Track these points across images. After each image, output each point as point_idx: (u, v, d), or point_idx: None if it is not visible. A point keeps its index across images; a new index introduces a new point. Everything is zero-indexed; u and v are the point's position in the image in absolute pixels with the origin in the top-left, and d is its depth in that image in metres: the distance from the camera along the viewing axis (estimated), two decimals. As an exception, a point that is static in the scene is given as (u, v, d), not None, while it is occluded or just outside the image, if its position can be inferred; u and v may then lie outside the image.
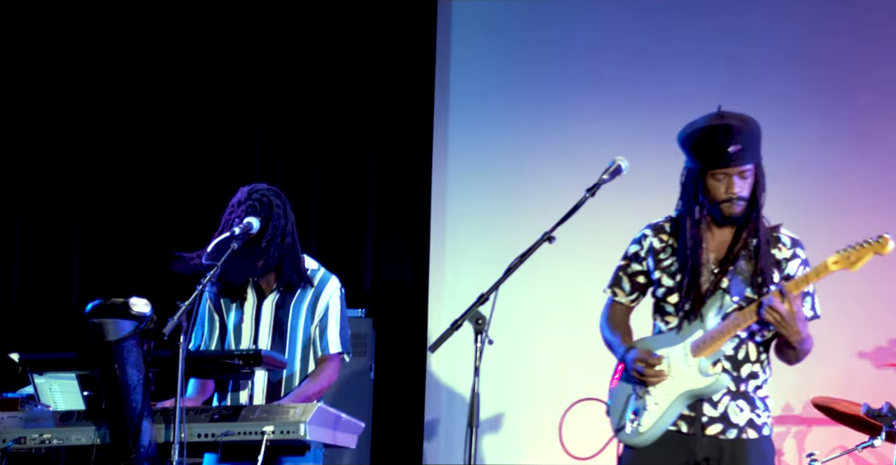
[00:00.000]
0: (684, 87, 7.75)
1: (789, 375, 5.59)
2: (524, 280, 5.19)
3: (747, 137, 4.84)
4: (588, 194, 4.86)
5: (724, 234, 4.95)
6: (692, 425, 4.92)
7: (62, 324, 7.25)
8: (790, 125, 7.57)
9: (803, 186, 7.50)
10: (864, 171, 7.58)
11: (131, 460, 4.98)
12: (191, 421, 5.04)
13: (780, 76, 7.74)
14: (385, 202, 8.14)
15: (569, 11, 8.08)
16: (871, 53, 7.65)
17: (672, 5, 7.95)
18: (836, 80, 7.69)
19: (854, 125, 7.64)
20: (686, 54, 7.87)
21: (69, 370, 5.30)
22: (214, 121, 8.01)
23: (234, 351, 5.41)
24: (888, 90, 7.64)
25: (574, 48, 8.06)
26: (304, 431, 5.04)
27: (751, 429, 4.93)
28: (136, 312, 4.97)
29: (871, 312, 7.41)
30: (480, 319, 4.61)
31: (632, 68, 7.97)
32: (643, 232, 5.09)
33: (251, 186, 5.57)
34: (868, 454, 6.99)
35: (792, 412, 7.42)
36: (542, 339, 7.48)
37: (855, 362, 7.32)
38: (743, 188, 4.86)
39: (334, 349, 5.56)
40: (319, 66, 8.10)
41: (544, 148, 7.86)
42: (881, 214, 7.35)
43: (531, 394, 7.56)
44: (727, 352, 4.91)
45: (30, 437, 5.13)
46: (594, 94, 7.95)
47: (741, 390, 4.92)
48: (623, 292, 5.13)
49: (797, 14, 7.74)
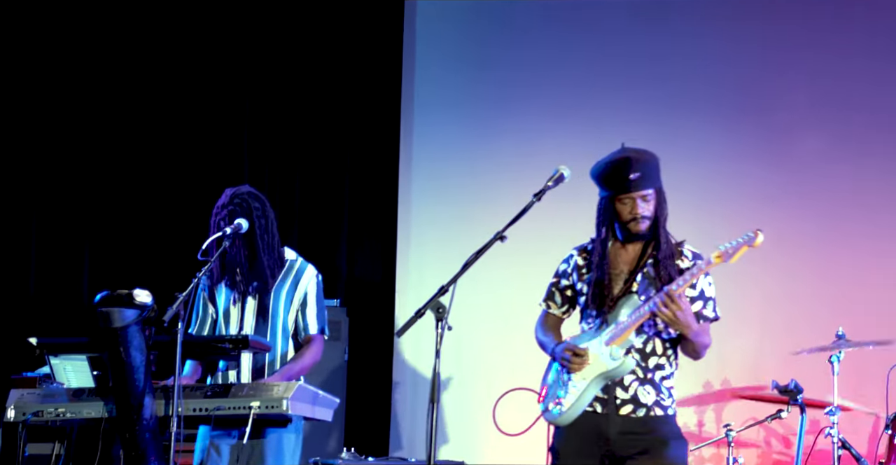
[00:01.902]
0: (628, 103, 7.75)
1: (709, 357, 5.58)
2: (478, 278, 5.19)
3: (645, 167, 4.91)
4: (535, 199, 4.85)
5: (635, 249, 5.00)
6: (606, 406, 4.94)
7: (74, 312, 7.23)
8: (707, 142, 7.61)
9: (717, 194, 7.50)
10: (773, 181, 7.58)
11: (135, 431, 4.98)
12: (187, 397, 5.04)
13: (701, 98, 7.72)
14: (358, 209, 8.11)
15: (531, 18, 8.01)
16: (780, 79, 7.64)
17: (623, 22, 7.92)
18: (746, 102, 7.69)
19: (763, 142, 7.64)
20: (625, 74, 7.83)
21: (80, 353, 5.30)
22: (210, 139, 7.95)
23: (225, 336, 5.38)
24: (795, 110, 7.62)
25: (536, 58, 7.99)
26: (286, 406, 5.04)
27: (657, 408, 4.95)
28: (139, 301, 4.98)
29: (778, 303, 7.40)
30: (441, 308, 4.61)
31: (585, 79, 7.92)
32: (570, 253, 5.16)
33: (234, 189, 5.55)
34: (776, 424, 7.00)
35: (712, 389, 7.42)
36: (488, 331, 7.41)
37: (765, 346, 7.32)
38: (645, 209, 4.93)
39: (314, 329, 5.53)
40: (300, 92, 8.04)
41: (498, 159, 7.81)
42: (786, 219, 7.37)
43: (474, 378, 7.51)
44: (637, 345, 4.94)
45: (46, 411, 5.14)
46: (548, 103, 7.89)
47: (648, 377, 4.95)
48: (556, 304, 5.17)
49: (718, 49, 7.71)
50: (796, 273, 7.36)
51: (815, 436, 6.56)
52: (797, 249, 7.27)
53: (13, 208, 7.73)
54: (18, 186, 7.73)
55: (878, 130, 7.51)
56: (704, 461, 7.37)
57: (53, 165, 7.80)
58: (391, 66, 8.04)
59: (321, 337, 5.57)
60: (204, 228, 5.62)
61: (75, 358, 5.34)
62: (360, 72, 8.10)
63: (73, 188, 7.80)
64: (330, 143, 8.06)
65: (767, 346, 7.28)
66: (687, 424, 7.30)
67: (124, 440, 5.04)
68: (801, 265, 7.37)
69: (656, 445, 4.90)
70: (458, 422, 7.44)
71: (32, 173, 7.77)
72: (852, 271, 7.42)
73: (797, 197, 7.53)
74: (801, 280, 7.40)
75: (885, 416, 6.35)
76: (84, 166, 7.82)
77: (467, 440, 7.31)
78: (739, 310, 6.86)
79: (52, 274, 7.69)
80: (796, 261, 7.27)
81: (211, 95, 7.97)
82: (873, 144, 7.50)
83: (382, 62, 8.08)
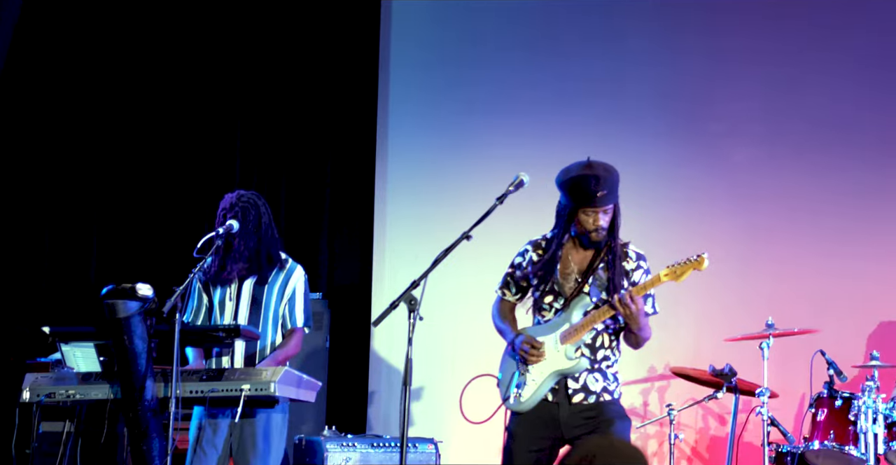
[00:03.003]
0: (584, 110, 7.75)
1: (653, 344, 5.60)
2: (447, 273, 5.16)
3: (610, 184, 4.92)
4: (497, 202, 4.89)
5: (587, 251, 5.03)
6: (558, 395, 4.98)
7: (83, 304, 7.18)
8: (652, 149, 7.60)
9: (665, 198, 7.51)
10: (709, 185, 7.61)
11: (137, 411, 4.96)
12: (184, 380, 5.04)
13: (647, 110, 7.72)
14: (337, 213, 8.06)
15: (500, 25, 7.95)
16: (723, 92, 7.66)
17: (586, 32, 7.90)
18: (686, 114, 7.69)
19: (702, 149, 7.65)
20: (583, 84, 7.81)
21: (88, 341, 5.20)
22: (206, 149, 7.88)
23: (219, 326, 5.38)
24: (735, 121, 7.64)
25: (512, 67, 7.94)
26: (273, 388, 5.03)
27: (605, 394, 5.00)
28: (141, 294, 4.95)
29: (714, 296, 7.42)
30: (412, 300, 4.64)
31: (548, 84, 7.85)
32: (525, 247, 5.16)
33: (237, 192, 5.55)
34: (713, 404, 7.07)
35: (655, 372, 7.45)
36: (455, 320, 7.40)
37: (702, 334, 7.34)
38: (605, 221, 4.96)
39: (300, 323, 5.52)
40: (286, 107, 7.98)
41: (465, 167, 7.78)
42: (721, 219, 7.43)
43: (442, 363, 7.49)
44: (587, 341, 4.98)
45: (58, 392, 5.15)
46: (514, 109, 7.84)
47: (596, 367, 5.00)
48: (510, 292, 5.19)
49: (663, 67, 7.71)
50: (730, 268, 7.35)
51: (747, 415, 6.59)
52: (731, 246, 7.29)
53: (29, 213, 7.67)
54: (34, 195, 7.68)
55: (803, 138, 7.53)
56: (649, 437, 7.39)
57: (65, 174, 7.73)
58: (367, 81, 8.01)
59: (302, 330, 5.55)
60: (200, 227, 5.64)
61: (84, 345, 5.29)
62: (338, 88, 8.05)
63: (82, 194, 7.74)
64: (312, 153, 8.02)
65: (705, 334, 7.28)
66: (633, 404, 7.34)
67: (128, 418, 5.02)
68: (735, 260, 7.37)
69: (602, 425, 4.95)
70: (427, 403, 7.43)
71: (47, 183, 7.70)
72: (780, 266, 7.45)
73: (731, 199, 7.55)
74: (735, 274, 7.40)
75: (810, 396, 6.39)
76: (92, 174, 7.76)
77: (436, 419, 7.28)
78: (680, 302, 6.86)
79: (63, 271, 7.64)
80: (730, 257, 7.27)
81: (207, 109, 7.90)
82: (799, 151, 7.52)
83: (359, 79, 8.03)
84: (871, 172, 7.44)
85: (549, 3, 7.87)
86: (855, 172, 7.45)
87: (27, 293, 7.56)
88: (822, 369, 6.35)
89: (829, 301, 7.27)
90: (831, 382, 6.31)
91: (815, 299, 7.26)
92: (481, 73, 7.92)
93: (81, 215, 7.75)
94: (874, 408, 6.12)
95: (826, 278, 7.38)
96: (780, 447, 6.38)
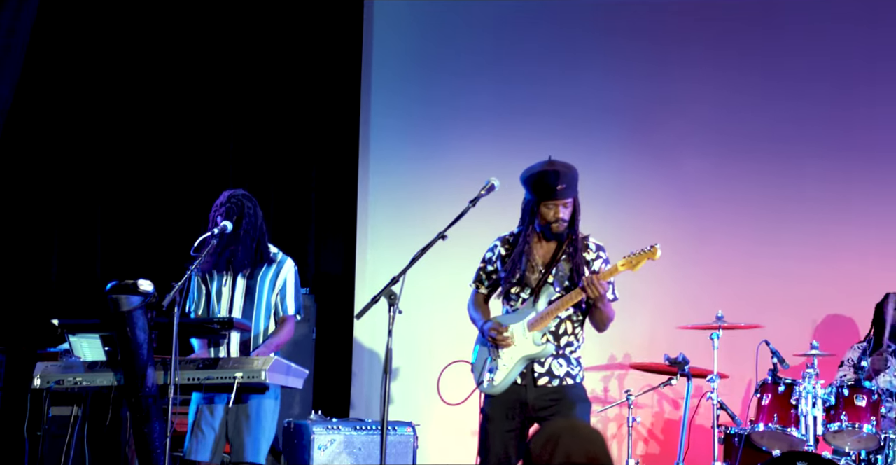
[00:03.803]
0: (550, 119, 7.70)
1: (613, 335, 5.62)
2: (424, 270, 5.21)
3: (569, 179, 4.95)
4: (470, 205, 4.94)
5: (550, 245, 5.05)
6: (525, 378, 5.01)
7: (89, 298, 7.13)
8: (610, 157, 7.61)
9: (620, 204, 7.52)
10: (662, 190, 7.63)
11: (139, 396, 4.97)
12: (182, 369, 5.05)
13: (607, 120, 7.72)
14: (323, 214, 8.00)
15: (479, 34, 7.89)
16: (674, 106, 7.67)
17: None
18: (640, 125, 7.70)
19: (655, 158, 7.66)
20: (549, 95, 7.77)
21: (94, 332, 5.17)
22: (201, 154, 7.82)
23: (213, 319, 5.38)
24: (681, 131, 7.65)
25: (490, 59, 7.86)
26: (264, 376, 5.06)
27: (569, 378, 5.03)
28: (142, 290, 4.97)
29: (668, 291, 7.43)
30: (392, 295, 4.69)
31: (518, 93, 7.80)
32: (495, 243, 5.19)
33: (230, 191, 5.54)
34: (668, 390, 7.05)
35: (615, 361, 7.45)
36: (432, 313, 7.32)
37: (657, 326, 7.33)
38: (565, 214, 4.98)
39: (291, 311, 5.51)
40: (275, 115, 7.92)
41: (442, 171, 7.73)
42: (673, 221, 7.42)
43: (419, 353, 7.46)
44: (551, 328, 5.01)
45: (66, 380, 5.16)
46: (487, 118, 7.81)
47: (560, 353, 5.03)
48: (483, 285, 5.21)
49: (620, 80, 7.71)
50: (683, 266, 7.36)
51: (699, 400, 6.59)
52: (682, 245, 7.27)
53: (40, 215, 7.62)
54: (45, 199, 7.63)
55: (747, 149, 7.55)
56: (609, 420, 7.39)
57: (73, 180, 7.67)
58: (350, 92, 7.95)
59: (294, 318, 5.54)
60: (196, 227, 5.64)
61: (90, 336, 5.27)
62: (323, 98, 7.99)
63: (89, 198, 7.68)
64: (299, 160, 7.96)
65: (660, 326, 7.27)
66: (595, 390, 7.33)
67: (130, 403, 5.05)
68: (686, 259, 7.37)
69: (565, 407, 4.98)
70: (406, 389, 7.42)
71: (57, 188, 7.65)
72: (726, 266, 7.47)
73: (682, 203, 7.56)
74: (687, 272, 7.42)
75: (755, 383, 6.42)
76: (97, 180, 7.69)
77: (413, 404, 7.27)
78: (637, 296, 6.82)
79: (71, 268, 7.60)
80: (681, 256, 7.27)
81: (204, 120, 7.83)
82: (743, 162, 7.54)
83: (342, 90, 7.98)
84: (809, 182, 7.50)
85: (520, 19, 7.82)
86: (794, 181, 7.50)
87: (38, 288, 7.53)
88: (767, 357, 6.37)
89: (771, 296, 7.29)
90: (775, 369, 6.34)
91: (758, 294, 7.28)
92: (455, 85, 7.87)
93: (87, 217, 7.69)
94: (814, 393, 6.16)
95: (768, 275, 7.41)
96: (728, 428, 6.41)
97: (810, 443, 6.12)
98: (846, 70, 7.58)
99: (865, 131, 7.55)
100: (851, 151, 7.54)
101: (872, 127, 7.56)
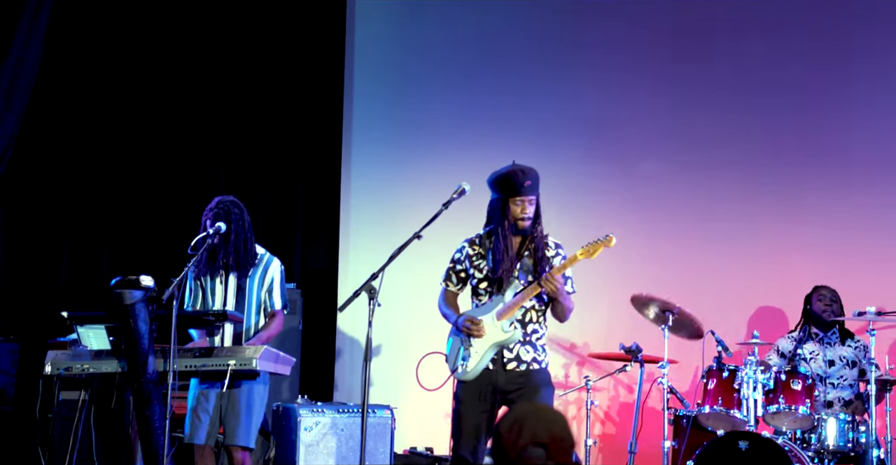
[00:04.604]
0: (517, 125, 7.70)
1: (573, 326, 5.67)
2: (401, 266, 5.24)
3: (533, 178, 4.99)
4: (443, 207, 4.97)
5: (515, 240, 5.07)
6: (496, 364, 5.04)
7: (95, 293, 7.08)
8: (570, 163, 7.64)
9: (581, 207, 7.53)
10: (618, 193, 7.66)
11: (141, 382, 4.99)
12: (181, 357, 5.06)
13: (567, 128, 7.74)
14: (309, 218, 7.98)
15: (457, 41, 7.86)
16: (623, 116, 7.69)
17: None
18: (599, 132, 7.72)
19: (612, 164, 7.68)
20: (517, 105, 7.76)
21: (100, 323, 5.15)
22: (197, 163, 7.80)
23: (209, 311, 5.40)
24: (638, 140, 7.68)
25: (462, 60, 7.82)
26: (255, 364, 5.08)
27: (535, 363, 5.06)
28: (144, 285, 4.99)
29: (623, 285, 7.26)
30: (372, 290, 4.73)
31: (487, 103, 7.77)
32: (462, 244, 5.20)
33: (219, 197, 5.55)
34: (623, 376, 7.06)
35: (576, 349, 7.48)
36: (408, 306, 7.28)
37: (613, 318, 7.33)
38: (530, 211, 5.01)
39: (278, 306, 5.50)
40: (263, 129, 7.89)
41: (419, 176, 7.69)
42: (627, 221, 7.42)
43: (396, 343, 7.47)
44: (518, 317, 5.04)
45: (75, 366, 5.17)
46: (456, 132, 7.78)
47: (527, 340, 5.06)
48: (452, 283, 5.23)
49: (581, 90, 7.74)
50: (637, 262, 7.40)
51: (651, 384, 6.60)
52: (636, 243, 7.27)
53: (52, 217, 7.59)
54: (56, 202, 7.61)
55: (699, 157, 7.60)
56: (569, 403, 7.41)
57: (82, 186, 7.63)
58: (333, 107, 7.93)
59: (281, 312, 5.53)
60: (192, 229, 5.60)
61: (96, 327, 5.25)
62: (308, 114, 7.96)
63: (96, 201, 7.65)
64: (287, 167, 7.94)
65: (616, 318, 7.28)
66: (557, 376, 7.34)
67: (133, 389, 5.06)
68: (640, 256, 7.41)
69: (531, 391, 5.01)
70: (384, 375, 7.39)
71: (67, 192, 7.61)
72: (677, 262, 7.49)
73: (635, 205, 7.59)
74: (640, 268, 7.45)
75: (702, 369, 6.44)
76: (103, 185, 7.65)
77: (391, 389, 7.28)
78: (596, 291, 6.89)
79: (79, 265, 7.57)
80: (635, 253, 7.30)
81: (200, 132, 7.81)
82: (695, 168, 7.59)
83: (326, 106, 7.95)
84: (747, 188, 7.54)
85: (495, 33, 7.82)
86: (739, 186, 7.55)
87: (49, 284, 7.50)
88: (713, 346, 6.40)
89: (717, 290, 7.33)
90: (719, 357, 6.36)
91: (704, 288, 7.32)
92: (432, 96, 7.85)
93: (94, 221, 7.64)
94: (754, 378, 6.18)
95: (712, 271, 7.46)
96: (677, 411, 6.44)
97: (751, 423, 6.14)
98: (784, 82, 7.62)
99: (780, 141, 7.59)
100: (779, 160, 7.57)
101: (800, 135, 7.59)
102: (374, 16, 7.92)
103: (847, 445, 6.23)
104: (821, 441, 6.23)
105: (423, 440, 7.12)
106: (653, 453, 6.55)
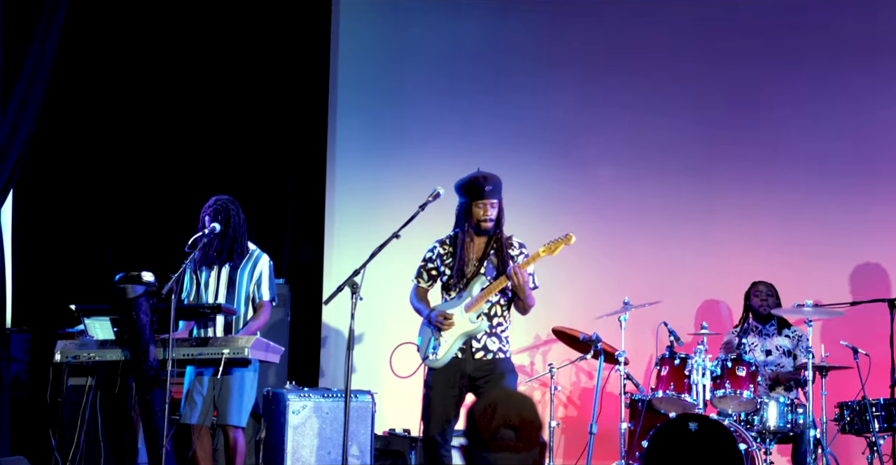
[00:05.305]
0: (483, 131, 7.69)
1: (538, 317, 5.67)
2: (381, 263, 5.24)
3: (495, 183, 5.02)
4: (420, 209, 4.99)
5: (481, 241, 5.12)
6: (465, 353, 5.07)
7: (101, 287, 7.04)
8: (531, 167, 7.59)
9: (542, 212, 7.47)
10: (575, 197, 7.64)
11: (142, 369, 5.02)
12: (178, 346, 5.09)
13: (529, 135, 7.70)
14: (297, 217, 7.95)
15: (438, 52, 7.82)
16: (580, 122, 7.66)
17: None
18: (557, 139, 7.68)
19: (570, 170, 7.66)
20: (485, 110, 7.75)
21: (105, 315, 5.24)
22: (195, 167, 7.78)
23: (204, 304, 5.40)
24: (598, 144, 7.66)
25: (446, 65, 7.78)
26: (247, 352, 5.11)
27: (500, 353, 5.09)
28: (145, 280, 5.01)
29: (583, 279, 7.44)
30: (355, 285, 4.74)
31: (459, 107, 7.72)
32: (434, 244, 5.22)
33: (217, 196, 5.57)
34: (583, 363, 7.01)
35: (540, 339, 7.46)
36: (386, 301, 7.20)
37: (575, 310, 7.30)
38: (492, 213, 5.05)
39: (266, 297, 5.50)
40: (254, 134, 7.89)
41: (397, 180, 7.66)
42: (585, 222, 7.40)
43: (376, 333, 7.43)
44: (484, 310, 5.07)
45: (82, 355, 5.19)
46: (431, 139, 7.74)
47: (493, 331, 5.09)
48: (423, 280, 5.25)
49: (543, 97, 7.70)
50: (596, 258, 7.39)
51: (609, 372, 6.59)
52: (594, 241, 7.26)
53: (61, 217, 7.58)
54: (66, 204, 7.59)
55: (653, 162, 7.58)
56: (534, 389, 7.39)
57: (90, 188, 7.62)
58: (318, 114, 7.90)
59: (270, 304, 5.53)
60: (190, 227, 5.62)
61: (101, 319, 5.23)
62: (295, 119, 7.92)
63: (102, 202, 7.63)
64: (276, 170, 7.93)
65: (577, 309, 7.26)
66: (523, 364, 7.37)
67: (135, 375, 5.08)
68: (598, 252, 7.40)
69: (497, 378, 5.05)
70: (365, 363, 7.38)
71: (76, 195, 7.60)
72: (633, 258, 7.49)
73: (593, 207, 7.58)
74: (599, 264, 7.43)
75: (656, 357, 6.41)
76: (109, 186, 7.64)
77: (373, 375, 7.25)
78: (559, 284, 6.92)
79: (86, 262, 7.56)
80: (594, 249, 7.30)
81: (197, 136, 7.79)
82: (648, 173, 7.58)
83: (312, 112, 7.91)
84: (700, 188, 7.55)
85: (473, 45, 7.79)
86: (688, 188, 7.55)
87: (59, 279, 7.48)
88: (665, 336, 6.37)
89: (670, 285, 7.32)
90: (672, 346, 6.33)
91: (659, 283, 7.31)
92: (412, 103, 7.82)
93: (100, 220, 7.64)
94: (703, 365, 6.17)
95: (667, 267, 7.45)
96: (633, 395, 6.45)
97: (700, 407, 6.14)
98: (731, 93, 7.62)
99: (727, 143, 7.56)
100: (726, 164, 7.56)
101: (739, 137, 7.56)
102: (357, 28, 7.89)
103: (787, 426, 6.26)
104: (763, 423, 6.26)
105: (402, 422, 7.10)
106: (611, 434, 6.55)
